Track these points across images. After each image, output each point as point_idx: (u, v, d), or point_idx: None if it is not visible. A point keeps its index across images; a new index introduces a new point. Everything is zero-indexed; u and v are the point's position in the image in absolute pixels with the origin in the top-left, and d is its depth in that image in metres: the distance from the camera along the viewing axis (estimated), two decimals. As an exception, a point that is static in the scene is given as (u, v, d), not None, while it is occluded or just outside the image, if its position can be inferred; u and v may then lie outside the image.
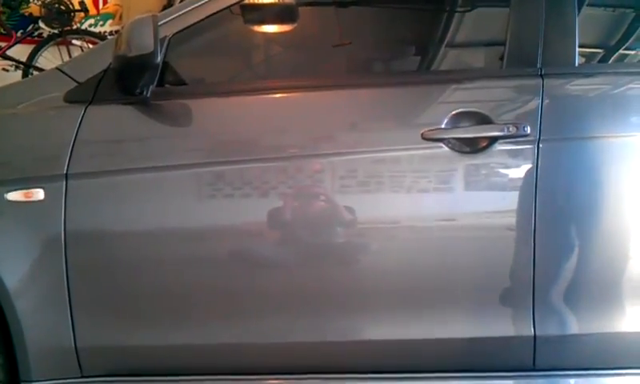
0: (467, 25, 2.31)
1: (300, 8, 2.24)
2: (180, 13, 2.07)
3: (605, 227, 1.91)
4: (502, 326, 1.92)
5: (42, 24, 5.96)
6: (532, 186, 1.86)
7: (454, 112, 1.91)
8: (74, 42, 5.95)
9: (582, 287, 1.91)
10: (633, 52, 2.22)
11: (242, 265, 1.98)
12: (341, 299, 1.95)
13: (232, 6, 2.08)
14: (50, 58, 5.73)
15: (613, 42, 2.23)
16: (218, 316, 1.97)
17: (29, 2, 6.10)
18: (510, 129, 1.87)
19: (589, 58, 2.18)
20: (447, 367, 1.97)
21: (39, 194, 1.91)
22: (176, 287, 1.96)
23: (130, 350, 1.97)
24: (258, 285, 1.96)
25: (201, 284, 1.96)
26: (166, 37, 2.01)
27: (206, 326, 1.97)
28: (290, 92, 2.06)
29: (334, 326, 1.95)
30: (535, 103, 1.90)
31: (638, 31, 2.24)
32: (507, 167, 1.91)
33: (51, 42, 5.89)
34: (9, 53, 5.83)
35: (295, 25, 2.28)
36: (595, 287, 1.91)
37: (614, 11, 2.30)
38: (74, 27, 6.05)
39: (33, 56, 5.78)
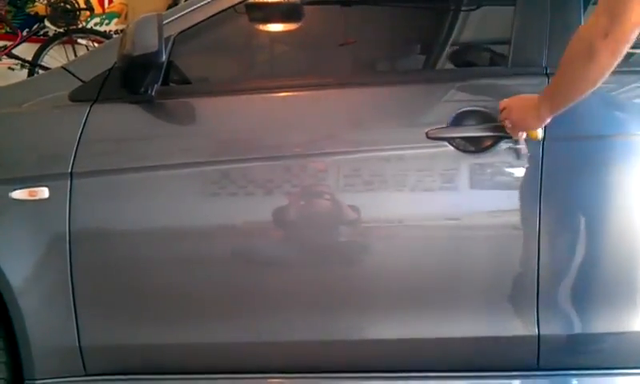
0: (472, 23, 2.31)
1: (304, 7, 2.24)
2: (185, 12, 2.07)
3: (609, 227, 1.90)
4: (506, 325, 1.91)
5: (47, 23, 5.98)
6: (537, 185, 1.86)
7: (458, 111, 1.90)
8: (79, 40, 5.97)
9: (587, 287, 1.91)
10: (638, 51, 2.21)
11: (246, 264, 1.98)
12: (345, 298, 1.94)
13: (237, 5, 2.08)
14: (55, 57, 5.74)
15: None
16: (223, 315, 1.97)
17: (34, 1, 6.11)
18: (515, 128, 1.86)
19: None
20: (451, 367, 1.96)
21: (44, 192, 1.92)
22: (181, 286, 1.96)
23: (134, 349, 1.97)
24: (261, 284, 1.96)
25: (205, 283, 1.96)
26: (170, 36, 2.01)
27: (210, 324, 1.96)
28: (294, 91, 2.06)
29: (339, 325, 1.95)
30: (540, 102, 1.89)
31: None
32: (512, 166, 1.90)
33: (57, 41, 5.90)
34: (15, 51, 5.85)
35: (299, 24, 2.28)
36: (599, 287, 1.91)
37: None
38: (80, 26, 6.06)
39: (38, 55, 5.79)
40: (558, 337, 1.90)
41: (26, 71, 5.81)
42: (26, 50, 5.88)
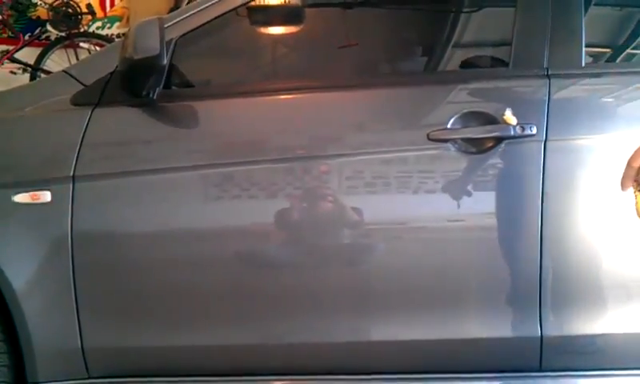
0: (473, 25, 2.31)
1: (306, 9, 2.24)
2: (186, 15, 2.07)
3: (611, 227, 1.90)
4: (508, 326, 1.91)
5: (49, 27, 5.99)
6: (539, 186, 1.86)
7: (460, 112, 1.90)
8: (81, 44, 5.97)
9: (589, 288, 1.90)
10: (639, 52, 2.21)
11: (248, 266, 1.98)
12: (348, 300, 1.95)
13: (238, 7, 2.09)
14: (57, 61, 5.74)
15: (620, 42, 2.22)
16: (225, 317, 1.98)
17: (36, 6, 6.12)
18: (517, 129, 1.87)
19: (596, 57, 2.17)
20: (453, 368, 1.96)
21: (46, 196, 1.92)
22: (183, 289, 1.96)
23: (136, 351, 1.98)
24: (264, 286, 1.96)
25: (208, 285, 1.96)
26: (172, 39, 2.01)
27: (212, 327, 1.97)
28: (296, 93, 2.06)
29: (342, 326, 1.95)
30: (542, 103, 1.89)
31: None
32: (514, 168, 1.90)
33: (59, 45, 5.91)
34: (17, 56, 5.86)
35: (301, 26, 2.28)
36: (601, 288, 1.90)
37: (620, 10, 2.29)
38: (82, 30, 6.06)
39: (40, 59, 5.80)
40: (560, 338, 1.90)
41: (27, 75, 5.81)
42: (28, 55, 5.89)
